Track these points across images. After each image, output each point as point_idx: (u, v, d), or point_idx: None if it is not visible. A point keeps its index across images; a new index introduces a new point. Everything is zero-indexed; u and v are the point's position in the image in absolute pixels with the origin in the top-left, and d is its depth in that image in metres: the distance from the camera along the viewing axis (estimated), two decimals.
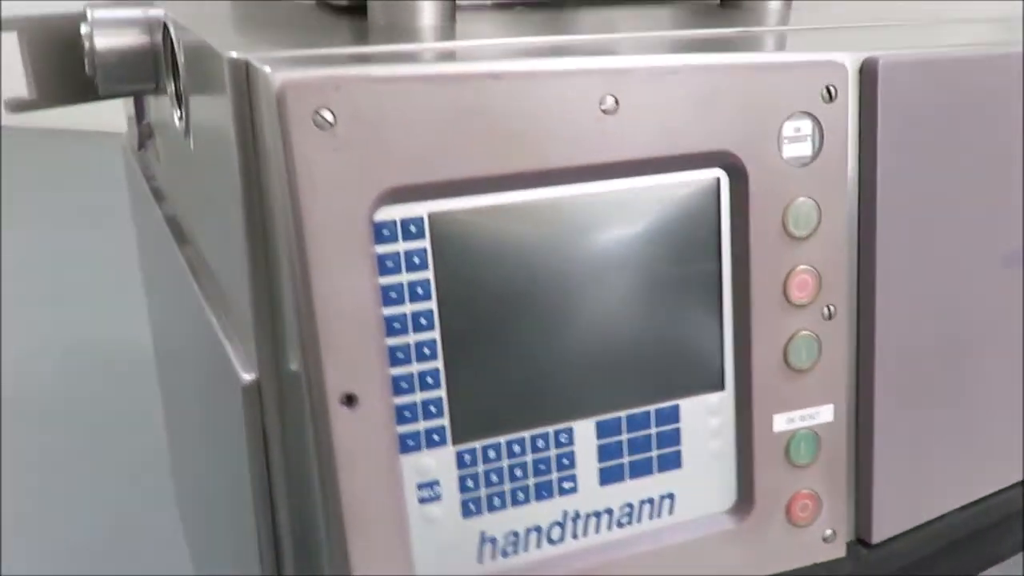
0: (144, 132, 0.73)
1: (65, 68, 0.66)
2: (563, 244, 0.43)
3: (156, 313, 0.85)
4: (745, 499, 0.49)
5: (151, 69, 0.61)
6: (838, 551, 0.51)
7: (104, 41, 0.59)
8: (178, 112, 0.56)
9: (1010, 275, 0.53)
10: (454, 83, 0.39)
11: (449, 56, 0.43)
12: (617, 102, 0.42)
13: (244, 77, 0.40)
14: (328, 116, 0.38)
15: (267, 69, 0.38)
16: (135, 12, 0.61)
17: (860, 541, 0.52)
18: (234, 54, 0.40)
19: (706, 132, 0.44)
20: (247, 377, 0.47)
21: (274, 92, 0.37)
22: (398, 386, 0.42)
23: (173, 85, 0.56)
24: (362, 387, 0.40)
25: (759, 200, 0.45)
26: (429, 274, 0.41)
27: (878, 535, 0.52)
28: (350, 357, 0.40)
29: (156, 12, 0.58)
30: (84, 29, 0.60)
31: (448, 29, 0.49)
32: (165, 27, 0.54)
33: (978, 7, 0.71)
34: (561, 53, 0.45)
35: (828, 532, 0.51)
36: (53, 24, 0.66)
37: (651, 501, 0.48)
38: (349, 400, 0.40)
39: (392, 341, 0.41)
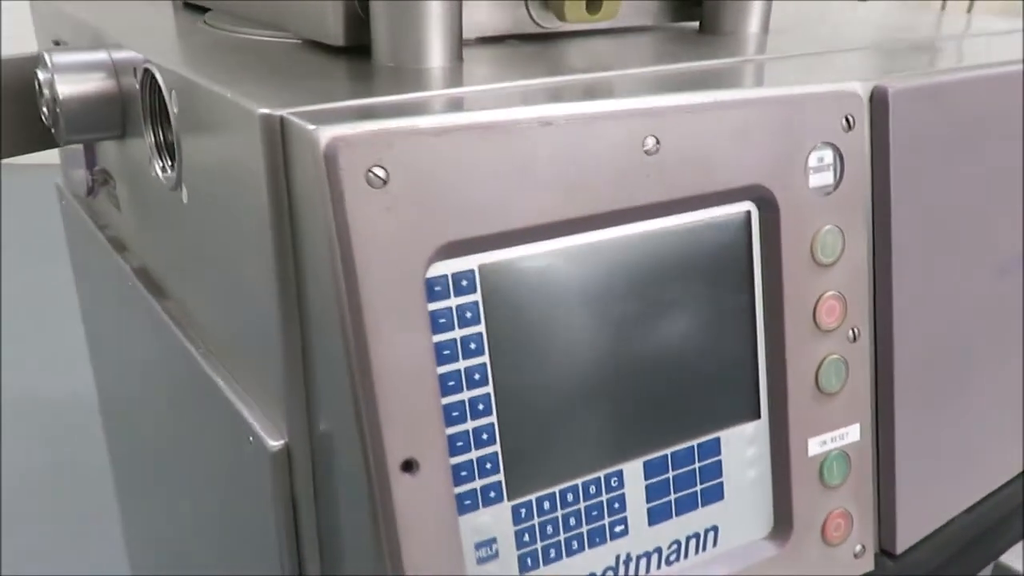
0: (98, 179, 0.68)
1: (15, 116, 0.62)
2: (606, 286, 0.43)
3: (112, 367, 0.80)
4: (783, 524, 0.49)
5: (118, 116, 0.57)
6: (868, 565, 0.52)
7: (68, 88, 0.55)
8: (161, 163, 0.53)
9: (1008, 282, 0.55)
10: (505, 131, 0.38)
11: (493, 103, 0.41)
12: (658, 142, 0.41)
13: (278, 133, 0.38)
14: (381, 173, 0.36)
15: (310, 126, 0.36)
16: (99, 55, 0.57)
17: (884, 552, 0.54)
18: (265, 109, 0.38)
19: (739, 167, 0.44)
20: (275, 443, 0.44)
21: (321, 151, 0.35)
22: (454, 446, 0.40)
23: (155, 135, 0.53)
24: (422, 452, 0.39)
25: (789, 231, 0.46)
26: (481, 327, 0.40)
27: (901, 545, 0.54)
28: (409, 421, 0.38)
29: (128, 55, 0.54)
30: (43, 75, 0.56)
31: (458, 71, 0.48)
32: (148, 73, 0.50)
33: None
34: (594, 94, 0.44)
35: (858, 548, 0.52)
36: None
37: (697, 536, 0.48)
38: (408, 466, 0.38)
39: (447, 400, 0.40)
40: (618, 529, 0.45)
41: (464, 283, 0.39)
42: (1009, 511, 0.60)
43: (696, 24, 0.65)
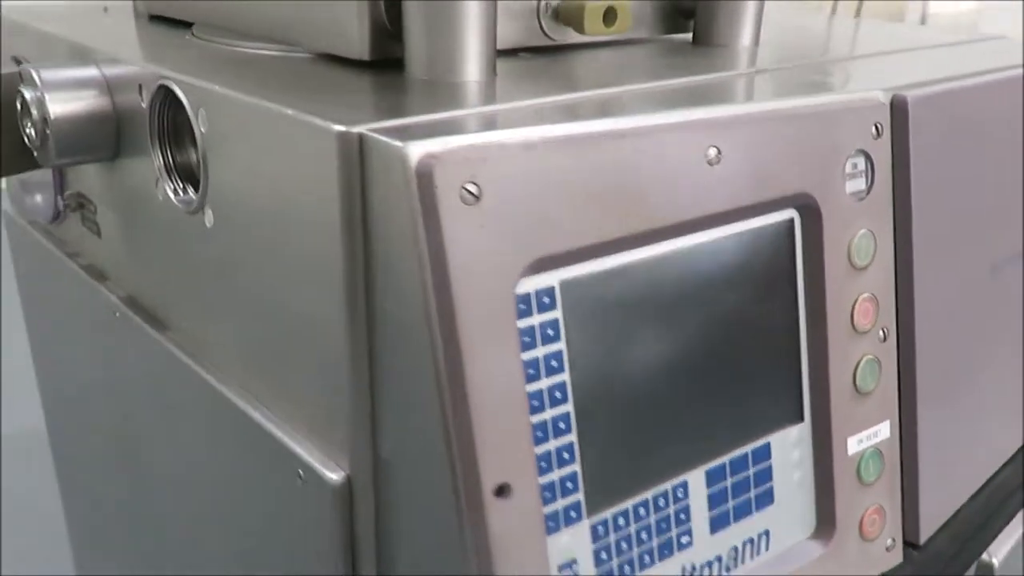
0: (70, 204, 0.64)
1: None
2: (672, 297, 0.43)
3: (82, 403, 0.74)
4: (826, 523, 0.51)
5: (112, 136, 0.54)
6: (898, 557, 0.54)
7: (60, 107, 0.52)
8: (173, 185, 0.50)
9: (1007, 276, 0.59)
10: (588, 144, 0.38)
11: (558, 116, 0.41)
12: (719, 152, 0.42)
13: (356, 151, 0.36)
14: (474, 189, 0.35)
15: (398, 143, 0.34)
16: (90, 71, 0.53)
17: (908, 544, 0.55)
18: (341, 127, 0.36)
19: (788, 175, 0.45)
20: (334, 476, 0.42)
21: (413, 168, 0.34)
22: (539, 466, 0.39)
23: (164, 156, 0.50)
24: (514, 475, 0.38)
25: (831, 236, 0.47)
26: (562, 344, 0.39)
27: (924, 535, 0.56)
28: (502, 444, 0.37)
29: (128, 71, 0.51)
30: (30, 93, 0.52)
31: (493, 85, 0.47)
32: (164, 90, 0.47)
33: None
34: (654, 106, 0.44)
35: (889, 542, 0.54)
36: None
37: (752, 541, 0.48)
38: (502, 491, 0.37)
39: (533, 420, 0.39)
40: (684, 540, 0.45)
41: (546, 300, 0.39)
42: (1010, 491, 0.63)
43: (687, 36, 0.66)
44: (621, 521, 0.43)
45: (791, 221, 0.47)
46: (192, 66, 0.49)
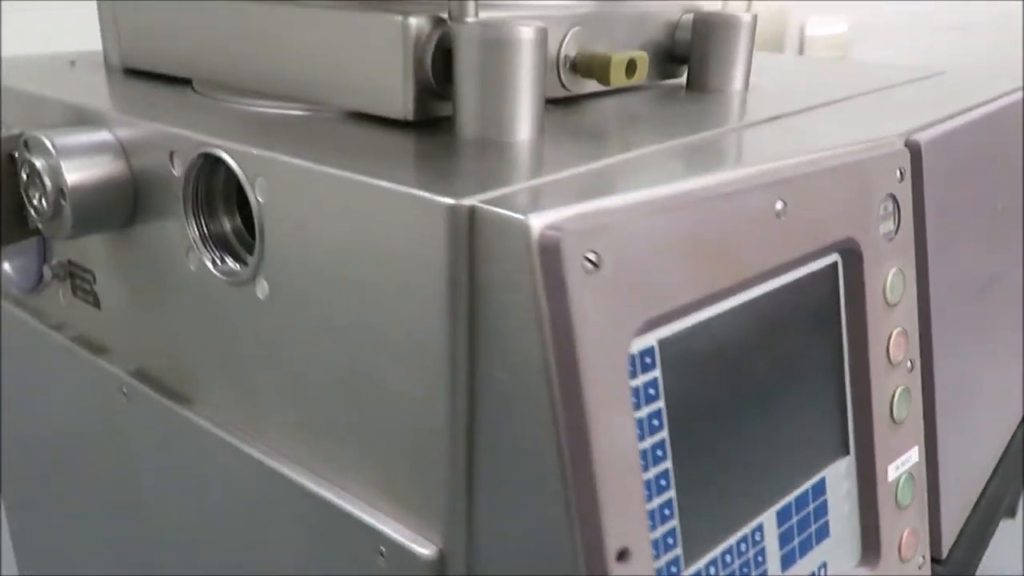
0: (58, 273, 0.60)
1: None
2: (746, 347, 0.44)
3: (72, 484, 0.69)
4: (871, 551, 0.53)
5: (130, 204, 0.51)
6: (927, 573, 0.57)
7: (78, 175, 0.49)
8: (211, 255, 0.48)
9: (998, 292, 0.63)
10: (687, 204, 0.38)
11: (667, 179, 0.41)
12: (785, 205, 0.43)
13: (466, 223, 0.36)
14: (594, 257, 0.35)
15: (519, 216, 0.34)
16: (102, 135, 0.50)
17: (933, 559, 0.58)
18: (450, 199, 0.36)
19: (837, 222, 0.47)
20: (426, 552, 0.41)
21: (535, 239, 0.34)
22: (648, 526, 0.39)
23: (200, 225, 0.48)
24: (632, 538, 0.38)
25: (870, 276, 0.49)
26: (661, 403, 0.40)
27: (945, 549, 0.59)
28: (622, 506, 0.37)
29: (152, 134, 0.48)
30: (41, 161, 0.49)
31: (542, 142, 0.47)
32: (208, 158, 0.45)
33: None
34: (721, 162, 0.46)
35: (920, 560, 0.56)
36: None
37: (814, 575, 0.50)
38: (623, 555, 0.37)
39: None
40: None
41: (648, 360, 0.39)
42: (999, 497, 0.67)
43: (679, 81, 0.68)
44: (712, 570, 0.43)
45: (835, 264, 0.49)
46: (232, 131, 0.47)
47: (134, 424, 0.57)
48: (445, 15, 0.48)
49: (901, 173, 0.51)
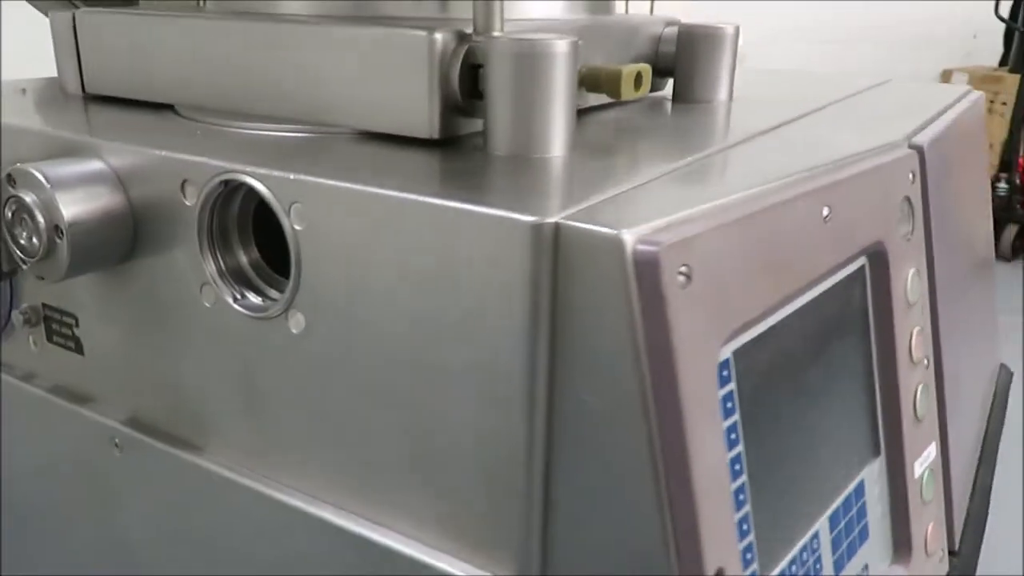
0: (30, 318, 0.55)
1: None
2: (802, 354, 0.44)
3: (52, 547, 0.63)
4: (902, 548, 0.53)
5: (129, 238, 0.47)
6: (946, 566, 0.58)
7: (76, 208, 0.45)
8: (231, 291, 0.44)
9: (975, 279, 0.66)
10: (762, 215, 0.38)
11: (730, 189, 0.40)
12: (830, 211, 0.44)
13: (550, 242, 0.34)
14: (686, 271, 0.34)
15: (611, 231, 0.33)
16: (95, 165, 0.46)
17: (949, 551, 0.60)
18: (532, 218, 0.34)
19: (868, 225, 0.47)
20: None
21: (629, 255, 0.33)
22: None
23: (217, 259, 0.44)
24: (727, 557, 0.37)
25: (894, 277, 0.50)
26: (737, 416, 0.39)
27: (957, 540, 0.60)
28: (718, 526, 0.36)
29: (151, 162, 0.45)
30: (32, 196, 0.45)
31: (572, 158, 0.46)
32: (230, 185, 0.42)
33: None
34: (765, 171, 0.45)
35: (940, 553, 0.57)
36: None
37: None
38: None
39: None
40: None
41: (725, 373, 0.38)
42: (986, 486, 0.70)
43: (663, 94, 0.69)
44: None
45: (863, 268, 0.49)
46: (253, 156, 0.44)
47: (129, 477, 0.53)
48: (468, 30, 0.46)
49: (913, 175, 0.52)
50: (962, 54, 3.50)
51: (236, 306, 0.44)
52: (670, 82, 0.68)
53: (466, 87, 0.46)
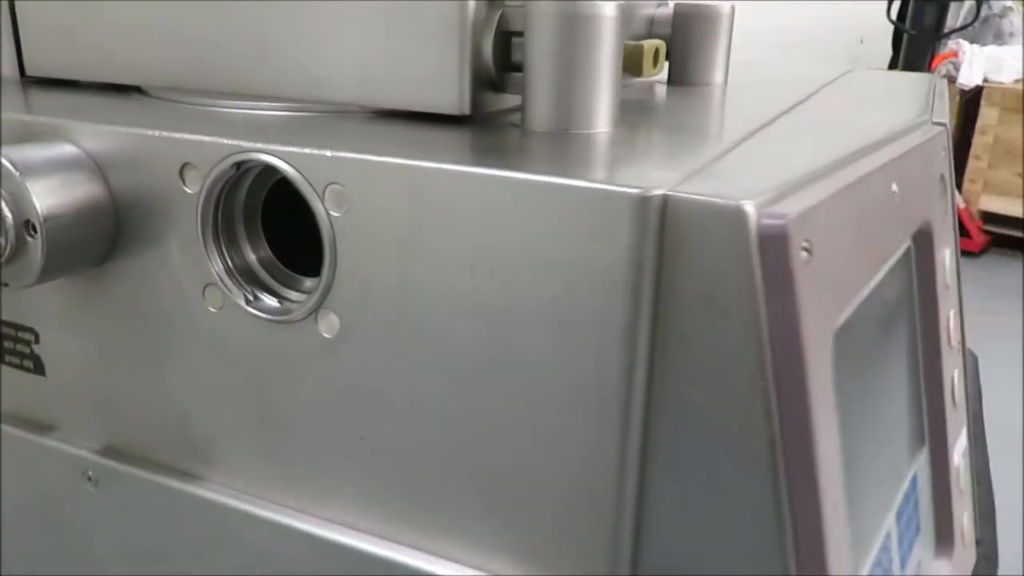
0: None
1: None
2: (871, 334, 0.41)
3: None
4: (945, 539, 0.51)
5: (110, 235, 0.40)
6: (973, 555, 0.57)
7: (52, 200, 0.38)
8: (243, 292, 0.38)
9: None
10: (855, 187, 0.35)
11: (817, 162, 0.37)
12: (898, 187, 0.41)
13: (657, 217, 0.30)
14: (808, 245, 0.30)
15: (733, 203, 0.29)
16: (66, 148, 0.40)
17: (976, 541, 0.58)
18: (635, 190, 0.30)
19: (920, 204, 0.45)
20: None
21: (752, 229, 0.29)
22: None
23: (223, 255, 0.38)
24: (844, 560, 0.33)
25: (939, 259, 0.48)
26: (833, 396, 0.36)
27: (979, 529, 0.59)
28: (839, 526, 0.33)
29: (140, 143, 0.38)
30: None
31: (621, 133, 0.42)
32: (243, 166, 0.36)
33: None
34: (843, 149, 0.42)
35: (971, 542, 0.56)
36: None
37: (916, 573, 0.47)
38: None
39: None
40: None
41: None
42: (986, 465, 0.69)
43: (659, 77, 0.66)
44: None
45: (909, 249, 0.47)
46: (268, 134, 0.38)
47: (107, 514, 0.45)
48: None
49: (944, 152, 0.51)
50: (847, 60, 3.64)
51: (250, 309, 0.38)
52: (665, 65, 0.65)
53: (498, 57, 0.42)
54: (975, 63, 2.99)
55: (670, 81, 0.64)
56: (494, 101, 0.43)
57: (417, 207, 0.34)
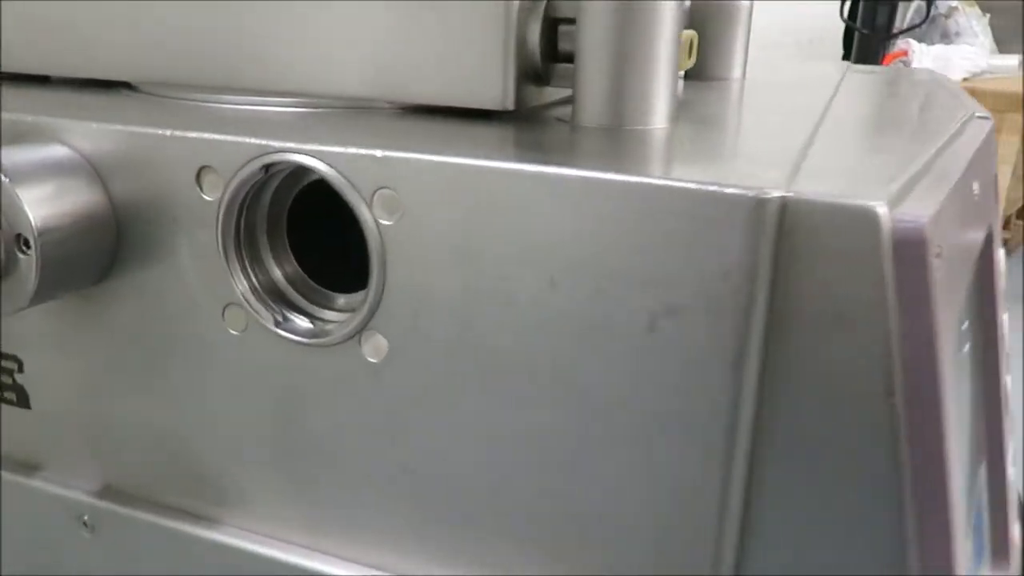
0: None
1: None
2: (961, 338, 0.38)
3: None
4: (1000, 554, 0.49)
5: (111, 249, 0.35)
6: (1019, 563, 0.55)
7: (47, 210, 0.32)
8: (272, 312, 0.34)
9: None
10: (963, 183, 0.32)
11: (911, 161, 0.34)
12: (977, 188, 0.38)
13: (775, 222, 0.26)
14: (939, 251, 0.27)
15: (864, 204, 0.26)
16: (58, 150, 0.35)
17: None
18: (750, 192, 0.26)
19: (992, 206, 0.43)
20: None
21: (886, 232, 0.26)
22: None
23: (248, 272, 0.34)
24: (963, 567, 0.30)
25: (997, 261, 0.46)
26: None
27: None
28: (961, 534, 0.29)
29: (143, 144, 0.34)
30: None
31: (680, 130, 0.39)
32: (272, 168, 0.32)
33: None
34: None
35: (1019, 550, 0.54)
36: None
37: None
38: None
39: None
40: None
41: None
42: None
43: None
44: None
45: (981, 253, 0.45)
46: (296, 133, 0.33)
47: (105, 563, 0.40)
48: None
49: (994, 149, 0.48)
50: (802, 58, 3.67)
51: (280, 331, 0.33)
52: None
53: (545, 49, 0.38)
54: (924, 62, 3.05)
55: (687, 76, 0.61)
56: (536, 95, 0.39)
57: (483, 212, 0.30)
